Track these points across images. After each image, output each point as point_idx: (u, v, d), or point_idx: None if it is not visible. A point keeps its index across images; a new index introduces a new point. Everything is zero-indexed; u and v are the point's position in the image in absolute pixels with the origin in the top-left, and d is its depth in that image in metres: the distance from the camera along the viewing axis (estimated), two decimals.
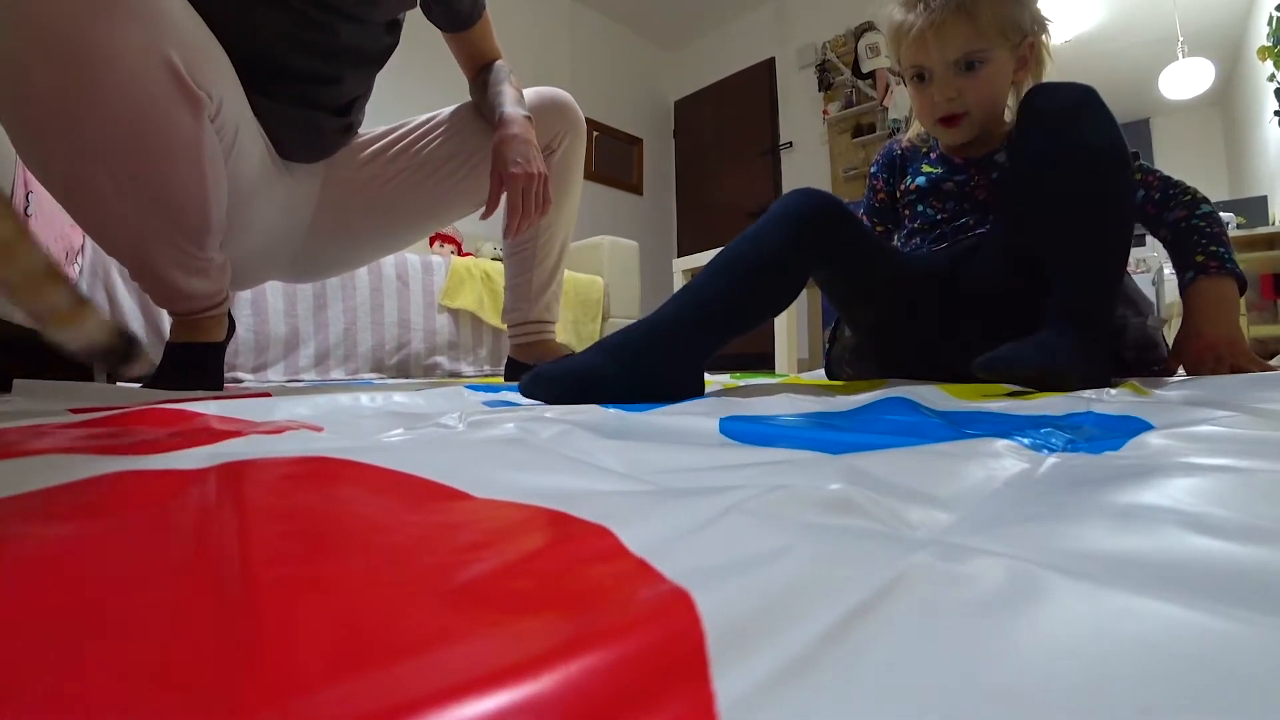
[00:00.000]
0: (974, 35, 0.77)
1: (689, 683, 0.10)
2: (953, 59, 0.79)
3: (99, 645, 0.12)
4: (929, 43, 0.79)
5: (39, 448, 0.31)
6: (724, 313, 0.71)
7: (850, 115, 3.95)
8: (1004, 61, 0.81)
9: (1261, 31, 3.47)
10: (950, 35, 0.77)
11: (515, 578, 0.16)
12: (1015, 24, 0.79)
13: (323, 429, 0.43)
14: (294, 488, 0.26)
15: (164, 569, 0.16)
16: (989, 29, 0.77)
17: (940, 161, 0.94)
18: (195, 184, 0.73)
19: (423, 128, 1.09)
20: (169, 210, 0.72)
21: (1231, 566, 0.15)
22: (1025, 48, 0.81)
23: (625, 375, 0.65)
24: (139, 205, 0.70)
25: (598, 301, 2.49)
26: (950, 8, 0.76)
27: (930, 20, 0.77)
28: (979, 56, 0.79)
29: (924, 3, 0.78)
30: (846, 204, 0.81)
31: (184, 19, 0.70)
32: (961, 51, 0.78)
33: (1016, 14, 0.78)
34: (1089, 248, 0.72)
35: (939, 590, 0.14)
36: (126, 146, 0.66)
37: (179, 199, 0.72)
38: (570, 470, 0.29)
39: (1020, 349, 0.66)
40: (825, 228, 0.76)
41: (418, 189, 1.08)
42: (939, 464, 0.28)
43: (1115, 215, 0.72)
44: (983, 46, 0.78)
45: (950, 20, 0.77)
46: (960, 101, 0.82)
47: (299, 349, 1.80)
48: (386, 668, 0.11)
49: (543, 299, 1.21)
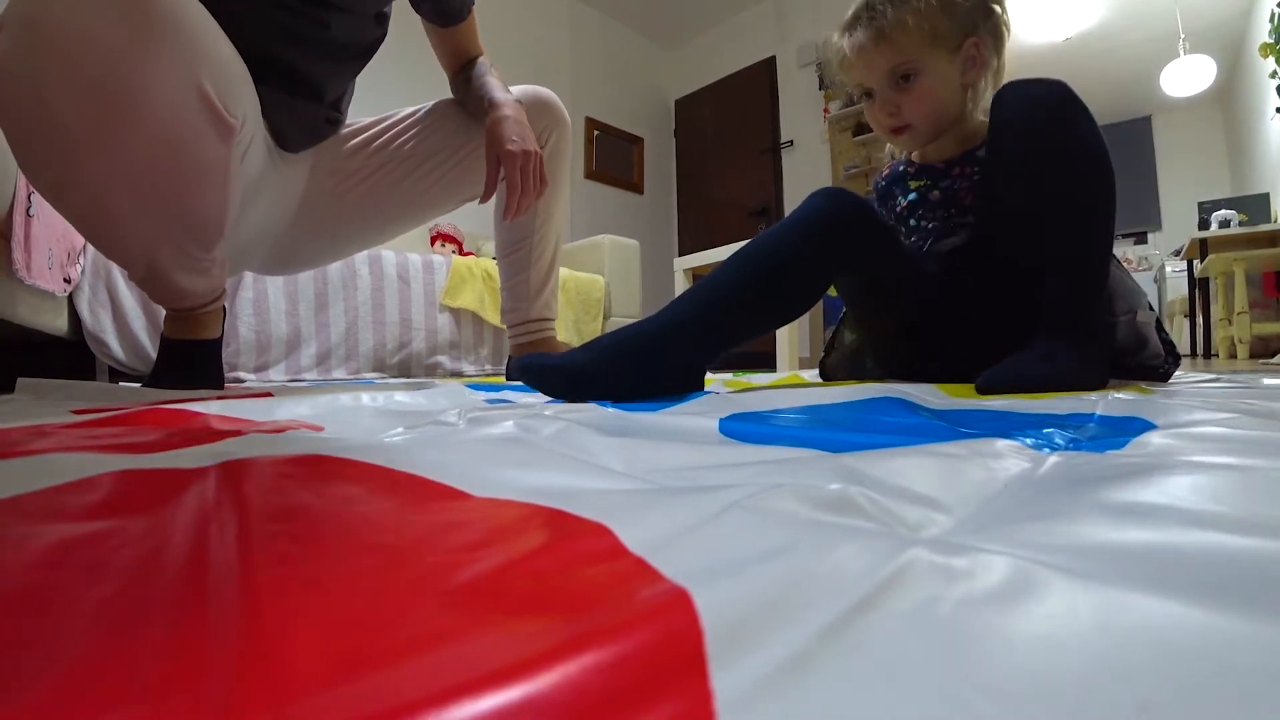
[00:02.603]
0: (894, 52, 0.80)
1: (688, 681, 0.10)
2: (884, 75, 0.83)
3: (98, 645, 0.12)
4: (858, 65, 0.84)
5: (42, 447, 0.31)
6: (737, 313, 0.71)
7: (851, 114, 3.95)
8: (942, 68, 0.82)
9: (1263, 28, 3.46)
10: (873, 56, 0.81)
11: (515, 577, 0.16)
12: (944, 32, 0.80)
13: (323, 428, 0.43)
14: (294, 487, 0.26)
15: (164, 568, 0.16)
16: (911, 44, 0.80)
17: (921, 173, 0.93)
18: (218, 203, 0.73)
19: (402, 124, 1.09)
20: (186, 224, 0.72)
21: (1232, 563, 0.15)
22: (970, 48, 0.82)
23: (615, 374, 0.65)
24: (157, 222, 0.69)
25: (598, 301, 2.48)
26: (870, 31, 0.80)
27: (854, 44, 0.82)
28: (908, 70, 0.81)
29: (848, 31, 0.83)
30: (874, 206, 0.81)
31: (215, 43, 0.69)
32: (887, 68, 0.82)
33: (942, 23, 0.80)
34: (1078, 251, 0.72)
35: (938, 587, 0.14)
36: (155, 174, 0.65)
37: (199, 215, 0.72)
38: (570, 468, 0.29)
39: (1021, 364, 0.66)
40: (852, 233, 0.75)
41: (395, 187, 1.08)
42: (939, 464, 0.28)
43: (1103, 217, 0.72)
44: (908, 59, 0.81)
45: (870, 43, 0.81)
46: (900, 115, 0.84)
47: (300, 349, 1.80)
48: (386, 668, 0.11)
49: (541, 297, 1.21)
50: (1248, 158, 4.45)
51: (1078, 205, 0.71)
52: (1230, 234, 3.26)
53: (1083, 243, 0.71)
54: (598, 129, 4.44)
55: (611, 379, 0.64)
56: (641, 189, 4.79)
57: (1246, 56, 4.05)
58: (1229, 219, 3.37)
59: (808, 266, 0.74)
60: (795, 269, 0.73)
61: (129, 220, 0.67)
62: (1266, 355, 3.04)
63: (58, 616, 0.13)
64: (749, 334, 0.72)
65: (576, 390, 0.63)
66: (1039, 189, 0.72)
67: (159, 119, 0.63)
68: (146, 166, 0.64)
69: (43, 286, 1.11)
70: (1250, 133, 4.28)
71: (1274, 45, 3.25)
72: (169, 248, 0.73)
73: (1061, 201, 0.71)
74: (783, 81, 4.36)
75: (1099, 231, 0.72)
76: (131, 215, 0.67)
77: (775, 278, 0.72)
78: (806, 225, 0.74)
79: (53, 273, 1.18)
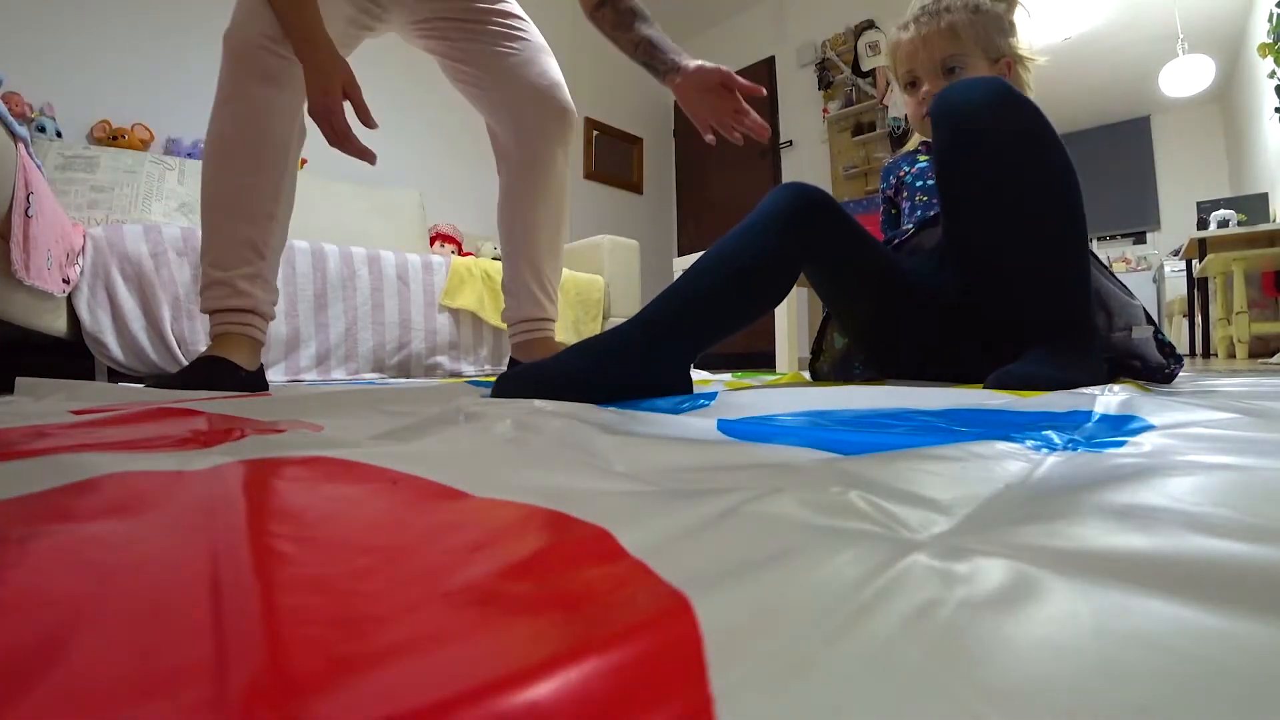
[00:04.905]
0: (951, 43, 0.92)
1: (687, 687, 0.10)
2: (937, 62, 0.92)
3: (99, 645, 0.12)
4: (918, 50, 0.93)
5: (41, 448, 0.31)
6: (710, 313, 0.72)
7: (850, 113, 3.95)
8: (983, 71, 0.92)
9: (1262, 28, 3.46)
10: (934, 43, 0.92)
11: (514, 579, 0.16)
12: (992, 43, 0.92)
13: (323, 427, 0.43)
14: (294, 487, 0.26)
15: (163, 568, 0.16)
16: (967, 41, 0.91)
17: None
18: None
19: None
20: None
21: (1231, 565, 0.15)
22: (1004, 65, 0.93)
23: (598, 375, 0.64)
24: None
25: (598, 301, 2.48)
26: (935, 23, 0.92)
27: (919, 32, 0.93)
28: (958, 62, 0.92)
29: (915, 22, 0.94)
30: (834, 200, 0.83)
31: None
32: (942, 56, 0.92)
33: (994, 36, 0.92)
34: (1048, 258, 0.73)
35: (938, 591, 0.14)
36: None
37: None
38: (570, 469, 0.29)
39: (1029, 368, 0.66)
40: (813, 224, 0.78)
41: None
42: (939, 466, 0.28)
43: (1067, 213, 0.72)
44: (962, 53, 0.92)
45: (935, 33, 0.92)
46: None
47: (300, 349, 1.80)
48: (385, 670, 0.11)
49: (536, 295, 1.21)
50: (1246, 158, 4.45)
51: (1044, 202, 0.72)
52: (1229, 234, 3.25)
53: (1052, 246, 0.73)
54: (597, 129, 4.44)
55: (591, 380, 0.63)
56: (641, 189, 4.79)
57: (1245, 57, 4.05)
58: (1228, 219, 3.37)
59: (772, 259, 0.75)
60: (761, 264, 0.74)
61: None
62: (1265, 355, 3.05)
63: (59, 617, 0.13)
64: (723, 331, 0.73)
65: (555, 394, 0.62)
66: (978, 185, 0.75)
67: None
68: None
69: (42, 287, 1.11)
70: (1249, 133, 4.28)
71: (1273, 45, 3.25)
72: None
73: (1018, 209, 0.72)
74: (782, 82, 4.35)
75: (1068, 230, 0.73)
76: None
77: (742, 274, 0.73)
78: (769, 219, 0.76)
79: (51, 273, 1.18)
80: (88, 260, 1.47)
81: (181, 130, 2.41)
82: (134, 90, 2.38)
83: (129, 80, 2.38)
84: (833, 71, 4.05)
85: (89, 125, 2.28)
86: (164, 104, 2.42)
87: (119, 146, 2.22)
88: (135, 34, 2.40)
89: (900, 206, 1.08)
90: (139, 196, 2.03)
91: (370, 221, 2.65)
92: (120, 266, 1.51)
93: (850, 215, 0.83)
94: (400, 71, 2.69)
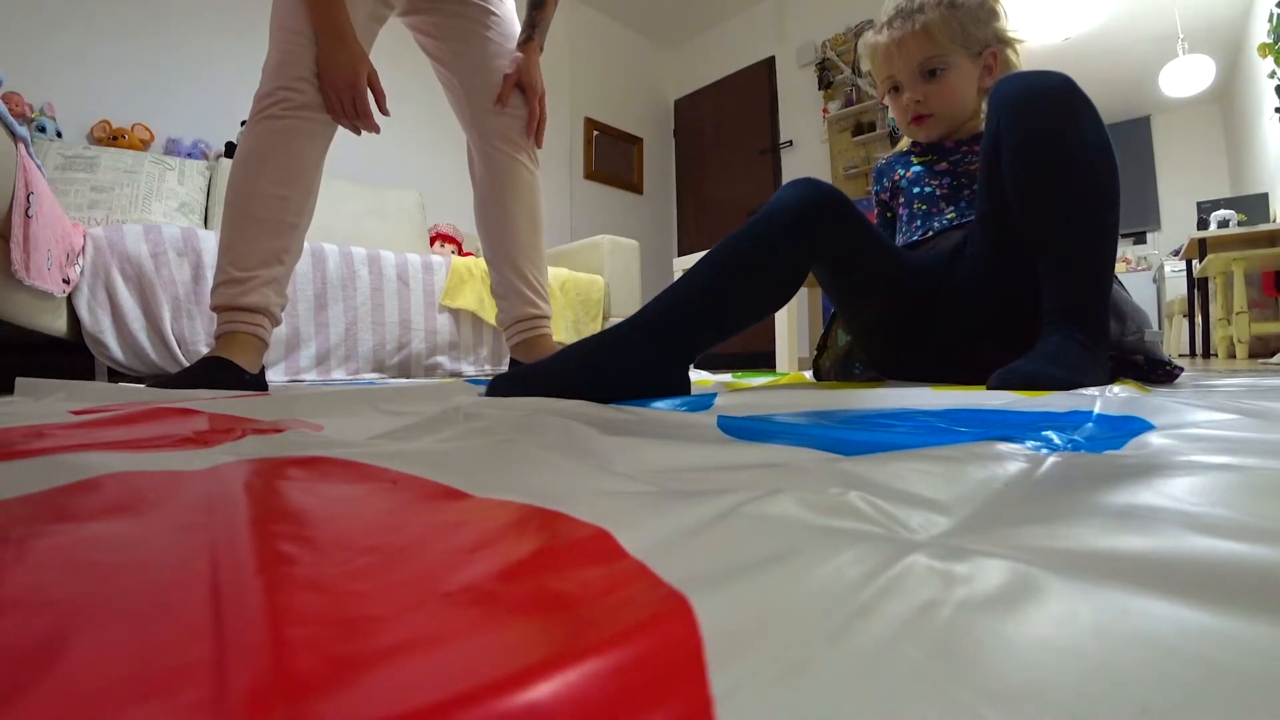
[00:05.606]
0: (929, 45, 0.89)
1: (687, 687, 0.10)
2: (915, 66, 0.90)
3: (98, 645, 0.12)
4: (894, 55, 0.91)
5: (41, 448, 0.31)
6: (715, 310, 0.71)
7: (850, 113, 3.94)
8: (965, 68, 0.91)
9: (1262, 28, 3.46)
10: (910, 47, 0.90)
11: (513, 580, 0.16)
12: (971, 37, 0.89)
13: (323, 427, 0.43)
14: (294, 487, 0.26)
15: (163, 569, 0.16)
16: (943, 40, 0.89)
17: (928, 150, 0.99)
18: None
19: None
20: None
21: (1231, 565, 0.15)
22: (988, 57, 0.91)
23: (598, 375, 0.64)
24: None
25: (598, 301, 2.48)
26: (909, 25, 0.89)
27: (892, 37, 0.91)
28: (938, 64, 0.90)
29: (889, 25, 0.91)
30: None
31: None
32: (919, 60, 0.90)
33: (972, 29, 0.89)
34: (1084, 248, 0.71)
35: (938, 592, 0.14)
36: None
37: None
38: (570, 469, 0.29)
39: (1031, 366, 0.65)
40: (825, 222, 0.77)
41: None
42: (938, 466, 0.28)
43: (1110, 215, 0.71)
44: (939, 54, 0.89)
45: (909, 36, 0.89)
46: (926, 104, 0.93)
47: (300, 349, 1.80)
48: (385, 671, 0.11)
49: (525, 294, 1.23)
50: (1246, 158, 4.45)
51: (1089, 205, 0.70)
52: (1229, 234, 3.25)
53: (1092, 241, 0.71)
54: (597, 129, 4.44)
55: (590, 380, 0.63)
56: (641, 189, 4.79)
57: (1245, 57, 4.05)
58: (1228, 219, 3.37)
59: (780, 257, 0.74)
60: (768, 261, 0.73)
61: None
62: (1265, 355, 3.04)
63: (59, 617, 0.13)
64: (727, 330, 0.72)
65: (554, 394, 0.62)
66: (1051, 186, 0.71)
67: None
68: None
69: (42, 287, 1.11)
70: (1249, 133, 4.28)
71: (1273, 45, 3.25)
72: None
73: (1072, 200, 0.70)
74: (782, 82, 4.35)
75: (1110, 233, 0.72)
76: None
77: (749, 273, 0.72)
78: (778, 216, 0.75)
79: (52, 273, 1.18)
80: (88, 260, 1.47)
81: (181, 130, 2.41)
82: (134, 90, 2.38)
83: (129, 80, 2.38)
84: (833, 71, 4.05)
85: (89, 125, 2.28)
86: (164, 104, 2.42)
87: (119, 146, 2.22)
88: (135, 35, 2.40)
89: (897, 211, 1.05)
90: (139, 196, 2.03)
91: (370, 221, 2.65)
92: (120, 266, 1.51)
93: (862, 214, 0.81)
94: (400, 72, 2.69)
